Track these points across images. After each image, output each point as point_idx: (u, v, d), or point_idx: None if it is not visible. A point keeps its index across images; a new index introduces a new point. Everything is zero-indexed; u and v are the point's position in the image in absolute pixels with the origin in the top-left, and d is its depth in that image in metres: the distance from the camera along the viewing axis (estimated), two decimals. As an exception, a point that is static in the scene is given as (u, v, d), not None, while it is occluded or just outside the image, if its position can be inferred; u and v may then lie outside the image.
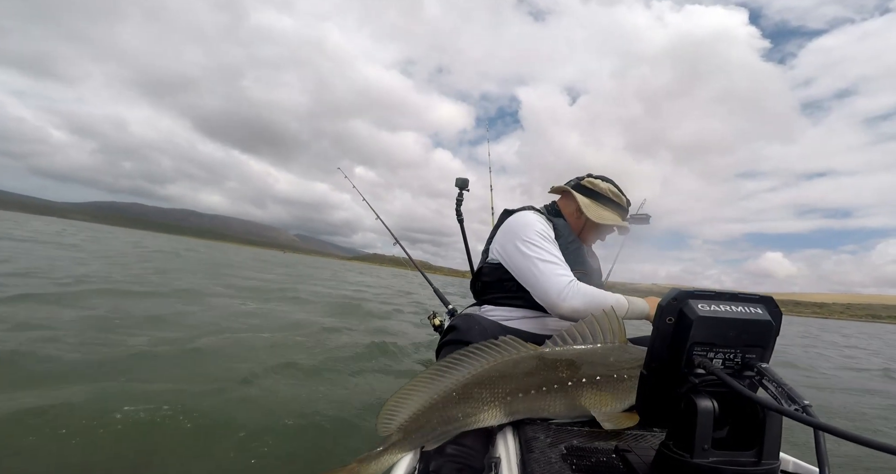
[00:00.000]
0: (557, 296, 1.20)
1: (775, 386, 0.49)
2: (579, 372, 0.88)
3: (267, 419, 2.06)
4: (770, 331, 0.54)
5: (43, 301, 4.04)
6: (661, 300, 0.56)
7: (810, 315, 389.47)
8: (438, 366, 0.92)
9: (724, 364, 0.54)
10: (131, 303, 4.58)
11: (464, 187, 2.53)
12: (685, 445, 0.53)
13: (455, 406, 0.89)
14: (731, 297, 0.55)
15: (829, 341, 13.30)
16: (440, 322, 2.35)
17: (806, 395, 0.46)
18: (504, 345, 0.92)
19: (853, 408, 3.67)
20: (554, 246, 1.35)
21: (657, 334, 0.56)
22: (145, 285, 5.99)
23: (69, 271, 6.46)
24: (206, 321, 4.21)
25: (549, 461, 0.73)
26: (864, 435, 0.37)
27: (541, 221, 1.42)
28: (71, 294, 4.55)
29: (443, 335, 1.20)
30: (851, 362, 7.46)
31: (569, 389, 0.88)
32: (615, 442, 0.77)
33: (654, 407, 0.59)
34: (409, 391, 0.92)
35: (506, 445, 0.86)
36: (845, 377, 5.52)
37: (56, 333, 3.04)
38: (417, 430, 0.89)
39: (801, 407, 0.45)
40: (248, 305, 5.77)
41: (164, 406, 2.01)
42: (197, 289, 6.44)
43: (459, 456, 0.88)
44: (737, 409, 0.53)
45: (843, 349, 10.39)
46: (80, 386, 2.17)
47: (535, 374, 0.89)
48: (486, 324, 1.19)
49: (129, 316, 3.96)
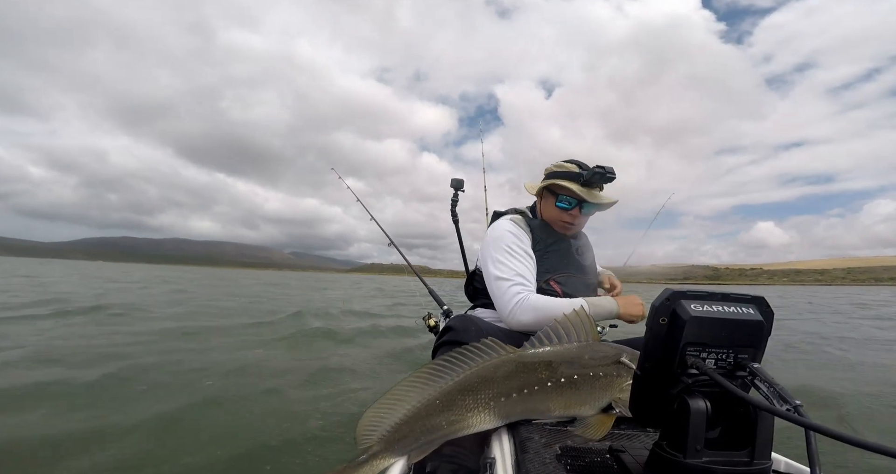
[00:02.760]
0: (508, 313, 1.28)
1: (767, 386, 0.49)
2: (557, 372, 0.88)
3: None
4: (762, 331, 0.54)
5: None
6: (655, 300, 0.56)
7: (813, 283, 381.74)
8: (419, 374, 0.90)
9: (717, 364, 0.54)
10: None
11: (459, 188, 2.53)
12: (678, 445, 0.53)
13: (439, 414, 0.86)
14: (723, 298, 0.55)
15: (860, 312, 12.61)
16: (435, 322, 2.35)
17: (796, 396, 0.47)
18: (485, 348, 0.90)
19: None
20: (518, 257, 1.37)
21: (650, 334, 0.56)
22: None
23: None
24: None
25: (544, 461, 0.73)
26: (854, 435, 0.37)
27: (511, 231, 1.43)
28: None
29: (439, 336, 1.20)
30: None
31: (549, 390, 0.87)
32: (609, 443, 0.77)
33: (647, 407, 0.59)
34: (390, 399, 0.88)
35: (500, 446, 0.86)
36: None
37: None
38: (400, 440, 0.86)
39: (793, 407, 0.45)
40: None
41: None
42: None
43: (455, 457, 0.88)
44: (729, 409, 0.54)
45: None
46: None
47: (516, 377, 0.89)
48: (483, 325, 1.20)
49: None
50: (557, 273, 1.44)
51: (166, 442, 2.18)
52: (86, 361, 3.71)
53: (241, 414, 2.60)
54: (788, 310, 13.74)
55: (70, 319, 6.25)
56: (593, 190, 1.45)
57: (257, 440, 2.25)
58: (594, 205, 1.46)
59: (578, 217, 1.48)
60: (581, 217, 1.49)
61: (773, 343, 5.43)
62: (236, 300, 11.39)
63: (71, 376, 3.21)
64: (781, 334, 6.84)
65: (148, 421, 2.39)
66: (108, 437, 2.19)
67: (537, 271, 1.42)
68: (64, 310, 7.01)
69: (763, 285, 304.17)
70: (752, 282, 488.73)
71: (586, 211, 1.48)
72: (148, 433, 2.26)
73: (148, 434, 2.25)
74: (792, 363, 4.77)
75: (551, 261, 1.45)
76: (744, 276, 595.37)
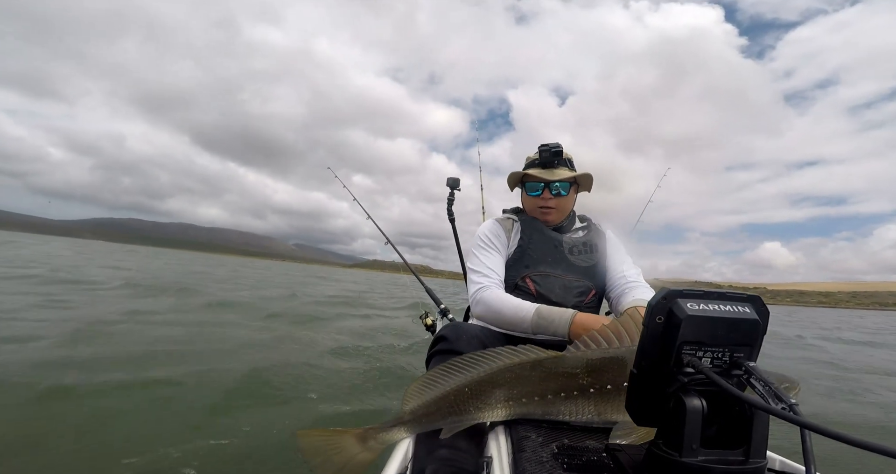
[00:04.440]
0: (471, 303, 1.35)
1: (762, 385, 0.49)
2: (603, 378, 0.85)
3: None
4: (757, 330, 0.54)
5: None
6: (651, 299, 0.56)
7: (816, 305, 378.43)
8: (458, 362, 0.96)
9: (713, 363, 0.54)
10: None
11: (455, 187, 2.53)
12: (674, 444, 0.53)
13: (466, 401, 0.92)
14: (719, 296, 0.55)
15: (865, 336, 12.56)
16: (432, 321, 2.36)
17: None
18: (523, 351, 0.92)
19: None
20: (489, 251, 1.42)
21: (647, 333, 0.56)
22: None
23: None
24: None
25: (541, 460, 0.73)
26: (849, 433, 0.37)
27: (489, 227, 1.49)
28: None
29: (432, 345, 1.19)
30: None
31: (591, 396, 0.85)
32: (606, 441, 0.77)
33: (644, 406, 0.59)
34: (430, 379, 0.98)
35: (497, 445, 0.86)
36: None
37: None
38: (427, 416, 0.95)
39: (788, 405, 0.45)
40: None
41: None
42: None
43: (454, 460, 0.87)
44: (725, 408, 0.54)
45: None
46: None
47: (553, 379, 0.88)
48: (475, 332, 1.17)
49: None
50: (534, 270, 1.40)
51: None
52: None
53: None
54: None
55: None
56: (555, 169, 1.45)
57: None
58: (560, 183, 1.43)
59: (551, 199, 1.44)
60: (555, 199, 1.45)
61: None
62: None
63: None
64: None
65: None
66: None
67: (517, 267, 1.41)
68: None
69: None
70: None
71: (555, 191, 1.44)
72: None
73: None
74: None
75: (531, 257, 1.42)
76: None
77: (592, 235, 1.50)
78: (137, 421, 2.30)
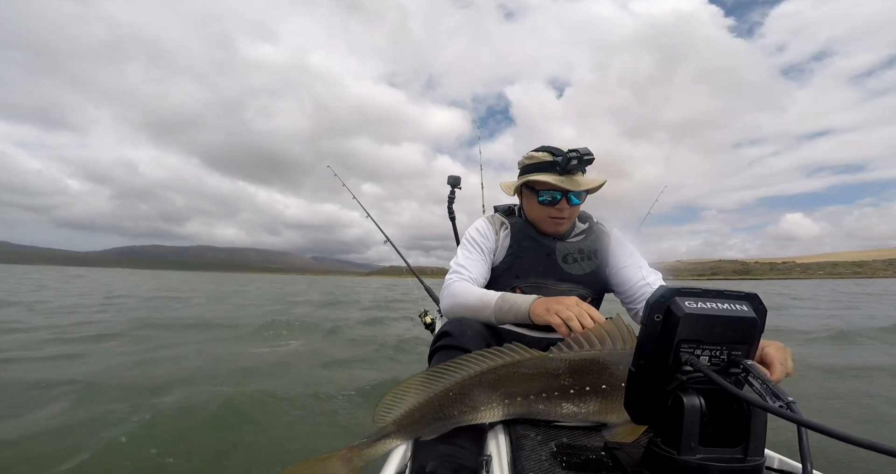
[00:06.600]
0: (440, 298, 1.32)
1: (760, 383, 0.50)
2: (583, 380, 0.86)
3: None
4: (755, 328, 0.54)
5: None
6: (650, 297, 0.56)
7: (851, 276, 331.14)
8: (439, 367, 0.94)
9: (711, 361, 0.54)
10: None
11: (456, 185, 2.53)
12: (673, 442, 0.53)
13: (451, 404, 0.90)
14: (717, 295, 0.55)
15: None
16: (431, 320, 2.36)
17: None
18: (507, 351, 0.92)
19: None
20: (471, 249, 1.39)
21: (645, 331, 0.56)
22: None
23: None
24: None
25: (540, 459, 0.73)
26: (846, 431, 0.37)
27: (478, 227, 1.43)
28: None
29: (434, 340, 1.18)
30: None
31: (571, 397, 0.87)
32: (604, 440, 0.77)
33: (642, 404, 0.59)
34: (408, 386, 0.95)
35: (497, 443, 0.86)
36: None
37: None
38: (412, 424, 0.92)
39: (786, 403, 0.45)
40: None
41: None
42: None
43: (454, 457, 0.87)
44: (723, 406, 0.54)
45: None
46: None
47: (536, 380, 0.89)
48: (478, 328, 1.16)
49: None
50: (524, 280, 1.35)
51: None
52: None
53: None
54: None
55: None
56: (574, 176, 1.29)
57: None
58: (580, 192, 1.30)
59: (567, 209, 1.31)
60: (571, 208, 1.32)
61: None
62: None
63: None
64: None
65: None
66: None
67: (506, 276, 1.36)
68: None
69: (797, 279, 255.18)
70: (784, 276, 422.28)
71: (575, 201, 1.31)
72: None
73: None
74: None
75: (522, 266, 1.36)
76: (775, 270, 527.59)
77: (593, 239, 1.40)
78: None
